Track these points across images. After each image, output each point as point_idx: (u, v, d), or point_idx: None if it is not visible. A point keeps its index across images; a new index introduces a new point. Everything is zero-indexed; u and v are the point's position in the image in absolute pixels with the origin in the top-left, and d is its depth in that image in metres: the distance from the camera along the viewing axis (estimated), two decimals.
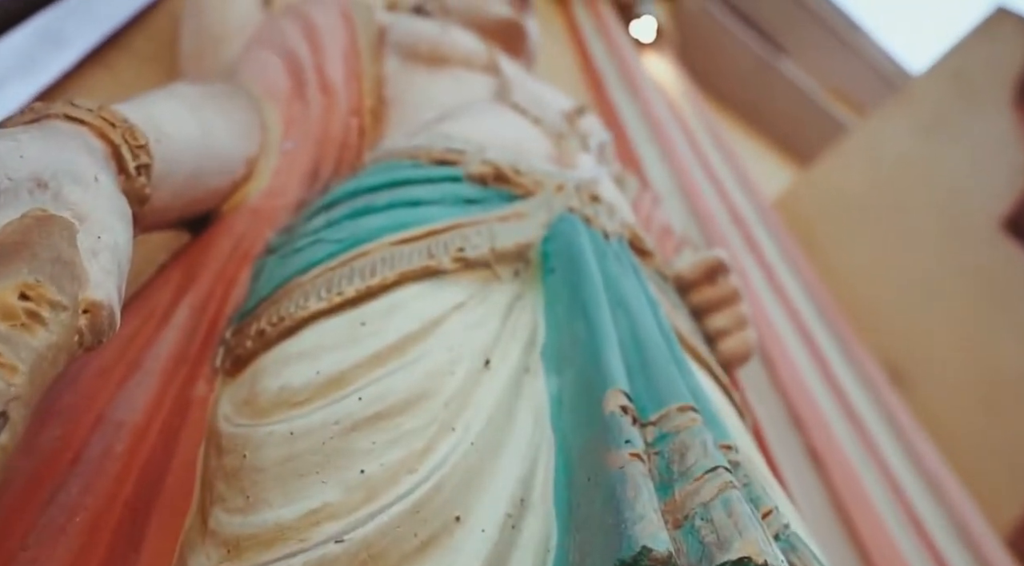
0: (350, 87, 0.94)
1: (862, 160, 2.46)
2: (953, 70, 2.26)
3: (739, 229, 1.98)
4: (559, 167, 0.86)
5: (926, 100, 2.30)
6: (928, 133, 2.25)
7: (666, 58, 3.03)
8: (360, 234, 0.64)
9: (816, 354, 1.71)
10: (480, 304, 0.62)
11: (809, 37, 4.08)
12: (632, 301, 0.63)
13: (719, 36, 3.58)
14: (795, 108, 3.86)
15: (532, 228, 0.70)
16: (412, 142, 0.82)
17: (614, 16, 2.89)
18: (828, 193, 2.58)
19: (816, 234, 2.50)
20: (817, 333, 1.85)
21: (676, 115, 2.51)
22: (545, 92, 1.14)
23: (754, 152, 3.66)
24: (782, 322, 1.77)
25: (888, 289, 2.29)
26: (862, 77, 4.31)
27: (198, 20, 1.02)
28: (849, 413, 1.56)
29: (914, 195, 2.28)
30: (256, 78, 0.88)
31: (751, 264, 1.96)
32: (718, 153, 2.47)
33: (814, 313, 1.92)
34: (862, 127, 2.57)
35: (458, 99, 0.95)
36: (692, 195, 1.99)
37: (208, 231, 0.72)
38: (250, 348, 0.57)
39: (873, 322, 2.24)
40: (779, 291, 1.88)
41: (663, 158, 2.16)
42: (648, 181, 1.94)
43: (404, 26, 1.06)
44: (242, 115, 0.77)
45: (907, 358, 2.18)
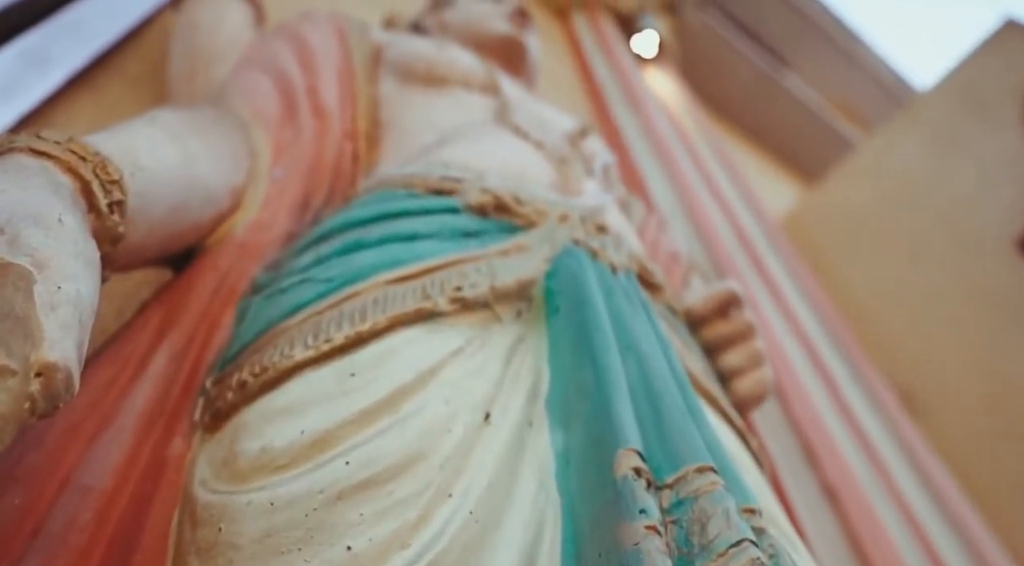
0: (344, 110, 0.91)
1: (870, 178, 2.43)
2: (962, 85, 2.23)
3: (746, 252, 1.95)
4: (562, 194, 0.82)
5: (934, 116, 2.27)
6: (937, 150, 2.22)
7: (668, 73, 3.01)
8: (350, 273, 0.60)
9: (828, 382, 1.67)
10: (480, 349, 0.58)
11: (812, 51, 4.07)
12: (643, 344, 0.59)
13: (721, 50, 3.56)
14: (798, 122, 3.84)
15: (535, 263, 0.66)
16: (407, 170, 0.78)
17: (615, 31, 2.88)
18: (836, 212, 2.55)
19: (824, 254, 2.46)
20: (829, 360, 1.81)
21: (679, 132, 2.48)
22: (546, 112, 1.10)
23: (756, 167, 3.64)
24: (793, 349, 1.73)
25: (899, 311, 2.25)
26: (865, 90, 4.30)
27: (188, 41, 0.98)
28: (864, 446, 1.52)
29: (924, 213, 2.24)
30: (245, 100, 0.84)
31: (759, 288, 1.92)
32: (723, 171, 2.44)
33: (825, 339, 1.88)
34: (869, 144, 2.54)
35: (456, 121, 0.91)
36: (697, 216, 1.96)
37: (191, 268, 0.68)
38: (231, 401, 0.53)
39: (884, 345, 2.19)
40: (789, 316, 1.84)
41: (667, 177, 2.13)
42: (652, 201, 1.91)
43: (400, 45, 1.03)
44: (228, 142, 0.74)
45: (919, 382, 2.14)
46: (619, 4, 2.90)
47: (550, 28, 2.74)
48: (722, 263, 1.82)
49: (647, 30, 2.81)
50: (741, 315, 0.83)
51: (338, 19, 1.05)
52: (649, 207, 1.77)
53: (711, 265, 1.84)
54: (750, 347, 0.83)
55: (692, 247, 1.87)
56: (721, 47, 3.56)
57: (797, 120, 3.80)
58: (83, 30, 1.08)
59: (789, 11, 3.91)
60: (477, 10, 1.30)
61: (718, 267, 1.82)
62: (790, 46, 4.00)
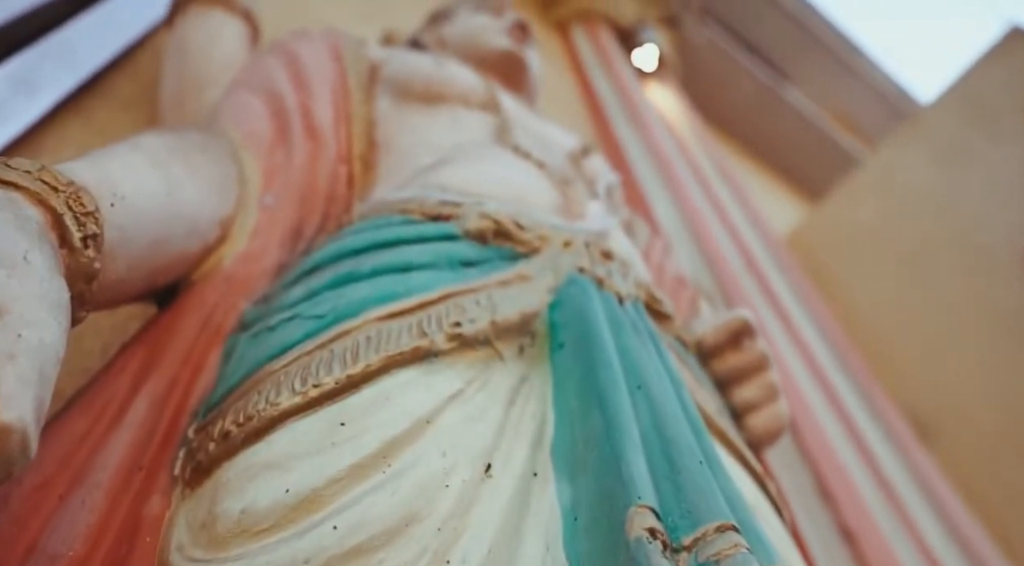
0: (339, 131, 0.88)
1: (875, 194, 2.39)
2: (967, 96, 2.20)
3: (753, 273, 1.91)
4: (566, 217, 0.79)
5: (940, 129, 2.23)
6: (945, 163, 2.18)
7: (669, 87, 2.98)
8: (342, 308, 0.56)
9: (839, 408, 1.63)
10: (480, 390, 0.54)
11: (812, 63, 4.05)
12: (654, 384, 0.55)
13: (721, 63, 3.54)
14: (800, 136, 3.81)
15: (538, 293, 0.63)
16: (403, 194, 0.75)
17: (615, 44, 2.85)
18: (841, 229, 2.50)
19: (830, 272, 2.42)
20: (839, 385, 1.76)
21: (682, 149, 2.45)
22: (548, 130, 1.07)
23: (758, 181, 3.61)
24: (802, 375, 1.69)
25: (907, 330, 2.19)
26: (866, 102, 4.27)
27: (179, 63, 0.95)
28: (880, 482, 1.46)
29: (933, 229, 2.20)
30: (236, 123, 0.81)
31: (766, 311, 1.88)
32: (726, 187, 2.40)
33: (834, 363, 1.84)
34: (874, 159, 2.50)
35: (455, 141, 0.88)
36: (702, 236, 1.92)
37: (175, 305, 0.64)
38: (213, 454, 0.49)
39: (894, 368, 2.14)
40: (797, 340, 1.79)
41: (670, 196, 2.09)
42: (656, 221, 1.87)
43: (397, 62, 1.00)
44: (216, 169, 0.70)
45: (930, 405, 2.08)
46: (619, 17, 2.88)
47: (549, 42, 2.71)
48: (728, 285, 1.78)
49: (647, 44, 2.79)
50: (754, 345, 0.79)
51: (333, 36, 1.02)
52: (653, 228, 1.73)
53: (717, 287, 1.80)
54: (764, 380, 0.79)
55: (697, 268, 1.83)
56: (721, 60, 3.54)
57: (799, 133, 3.77)
58: (72, 53, 1.05)
59: (789, 24, 3.89)
60: (476, 25, 1.27)
61: (724, 289, 1.78)
62: (790, 59, 3.98)
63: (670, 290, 1.17)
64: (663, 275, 1.18)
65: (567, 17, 2.83)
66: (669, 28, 3.08)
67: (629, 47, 2.87)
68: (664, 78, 2.97)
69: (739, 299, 1.81)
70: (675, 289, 1.18)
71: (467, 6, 1.33)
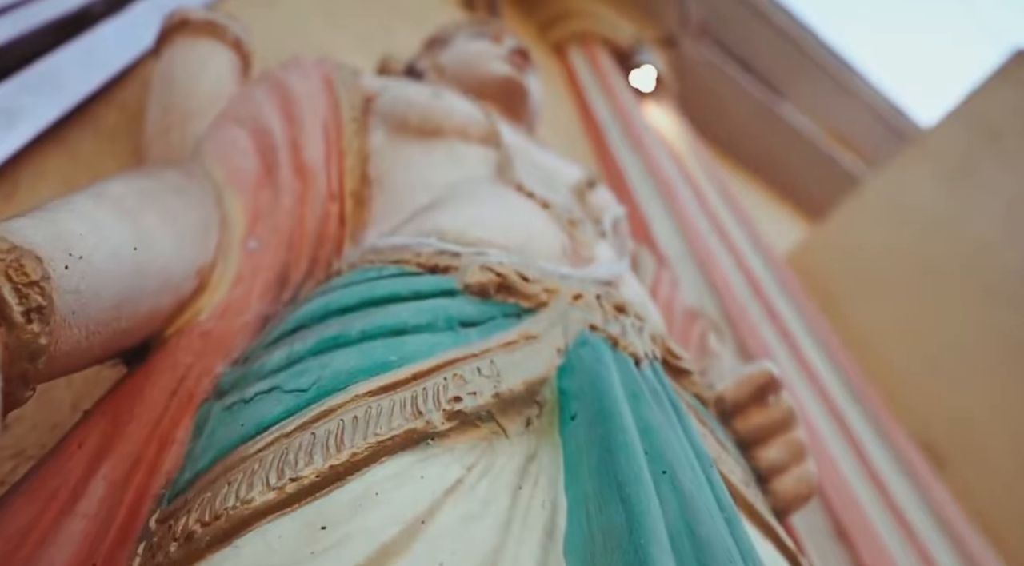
0: (330, 167, 0.81)
1: (880, 214, 2.32)
2: (973, 117, 2.13)
3: (758, 299, 1.84)
4: (573, 263, 0.72)
5: (946, 150, 2.17)
6: (952, 184, 2.12)
7: (666, 107, 2.93)
8: (326, 381, 0.49)
9: (851, 439, 1.55)
10: (483, 477, 0.46)
11: (807, 81, 4.01)
12: (681, 468, 0.48)
13: (718, 83, 3.49)
14: (797, 154, 3.76)
15: (545, 356, 0.55)
16: (397, 240, 0.67)
17: (613, 66, 2.80)
18: (844, 249, 2.44)
19: (833, 293, 2.35)
20: (850, 415, 1.69)
21: (683, 170, 2.39)
22: (551, 161, 1.00)
23: (755, 199, 3.55)
24: (813, 404, 1.61)
25: (917, 355, 2.12)
26: (860, 119, 4.23)
27: (164, 93, 0.89)
28: (895, 514, 1.39)
29: (941, 251, 2.13)
30: (220, 160, 0.74)
31: (772, 336, 1.80)
32: (727, 209, 2.34)
33: (845, 392, 1.77)
34: (877, 179, 2.43)
35: (453, 178, 0.81)
36: (705, 261, 1.85)
37: (144, 367, 0.57)
38: (174, 557, 0.41)
39: (902, 392, 2.07)
40: (806, 368, 1.72)
41: (671, 217, 2.03)
42: (658, 246, 1.81)
43: (392, 93, 0.93)
44: (195, 213, 0.63)
45: (941, 432, 2.00)
46: (616, 39, 2.83)
47: (547, 64, 2.66)
48: (733, 311, 1.71)
49: (645, 65, 2.73)
50: (779, 401, 0.72)
51: (326, 65, 0.95)
52: (659, 258, 1.66)
53: (722, 313, 1.73)
54: (791, 439, 0.71)
55: (702, 294, 1.77)
56: (718, 80, 3.49)
57: (795, 151, 3.71)
58: (57, 83, 0.98)
59: (784, 43, 3.85)
60: (475, 50, 1.21)
61: (729, 316, 1.71)
62: (785, 77, 3.94)
63: (680, 326, 1.10)
64: (672, 310, 1.11)
65: (564, 39, 2.78)
66: (666, 49, 3.02)
67: (627, 68, 2.81)
68: (662, 98, 2.91)
69: (745, 325, 1.74)
70: (685, 324, 1.11)
71: (465, 32, 1.26)
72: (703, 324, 1.13)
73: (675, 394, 0.60)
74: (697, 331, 1.10)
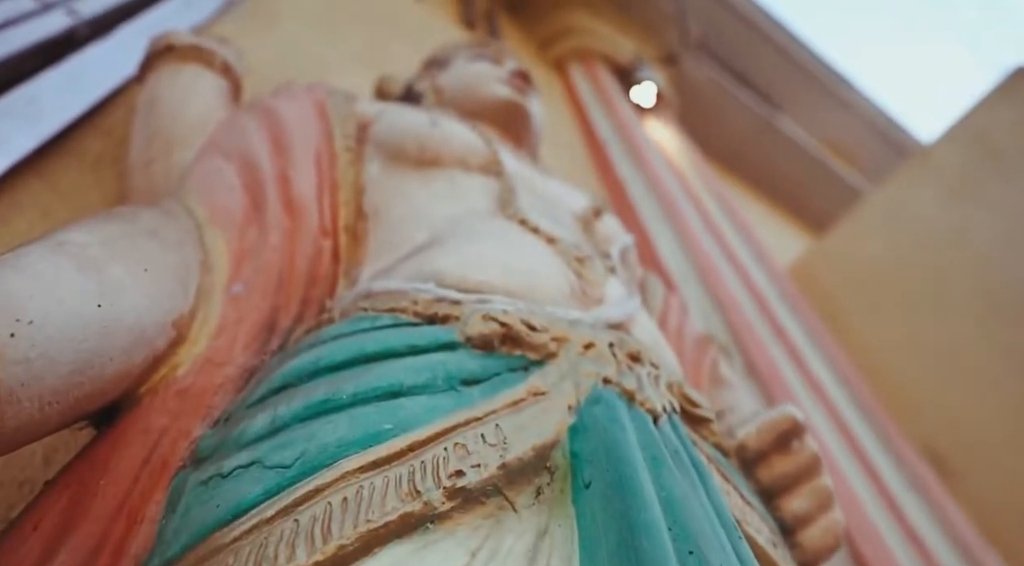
0: (323, 201, 0.75)
1: (881, 229, 2.27)
2: (974, 133, 2.09)
3: (765, 317, 1.78)
4: (583, 304, 0.66)
5: (949, 165, 2.12)
6: (954, 199, 2.07)
7: (667, 123, 2.88)
8: (312, 455, 0.43)
9: (863, 459, 1.49)
10: (490, 561, 0.41)
11: (804, 94, 3.97)
12: (708, 546, 0.42)
13: (718, 98, 3.45)
14: (796, 167, 3.72)
15: (556, 416, 0.50)
16: (392, 284, 0.62)
17: (613, 82, 2.75)
18: (846, 263, 2.38)
19: (836, 307, 2.29)
20: (858, 430, 1.63)
21: (684, 185, 2.33)
22: (555, 189, 0.95)
23: (757, 212, 3.50)
24: (821, 421, 1.56)
25: (922, 368, 2.07)
26: (856, 131, 4.20)
27: (149, 122, 0.83)
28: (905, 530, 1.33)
29: (944, 265, 2.08)
30: (204, 195, 0.69)
31: (778, 351, 1.75)
32: (730, 224, 2.28)
33: (853, 407, 1.71)
34: (879, 193, 2.39)
35: (453, 212, 0.75)
36: (710, 279, 1.80)
37: (113, 431, 0.51)
38: None
39: (908, 405, 2.01)
40: (813, 383, 1.67)
41: (675, 233, 1.97)
42: (663, 266, 1.75)
43: (388, 120, 0.87)
44: (172, 257, 0.58)
45: (947, 444, 1.95)
46: (616, 56, 2.78)
47: (548, 81, 2.61)
48: (740, 330, 1.65)
49: (646, 82, 2.68)
50: (803, 447, 0.66)
51: (318, 91, 0.90)
52: (667, 283, 1.61)
53: (728, 332, 1.67)
54: (817, 487, 0.65)
55: (707, 313, 1.71)
56: (718, 94, 3.45)
57: (794, 164, 3.67)
58: (37, 110, 0.93)
59: (780, 57, 3.81)
60: (474, 72, 1.16)
61: (736, 334, 1.65)
62: (782, 90, 3.90)
63: (691, 355, 1.04)
64: (683, 339, 1.06)
65: (564, 56, 2.73)
66: (666, 65, 2.98)
67: (627, 85, 2.76)
68: (662, 114, 2.87)
69: (752, 343, 1.68)
70: (696, 353, 1.05)
71: (465, 53, 1.21)
72: (713, 352, 1.07)
73: (695, 451, 0.55)
74: (708, 360, 1.05)
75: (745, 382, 1.56)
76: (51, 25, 1.05)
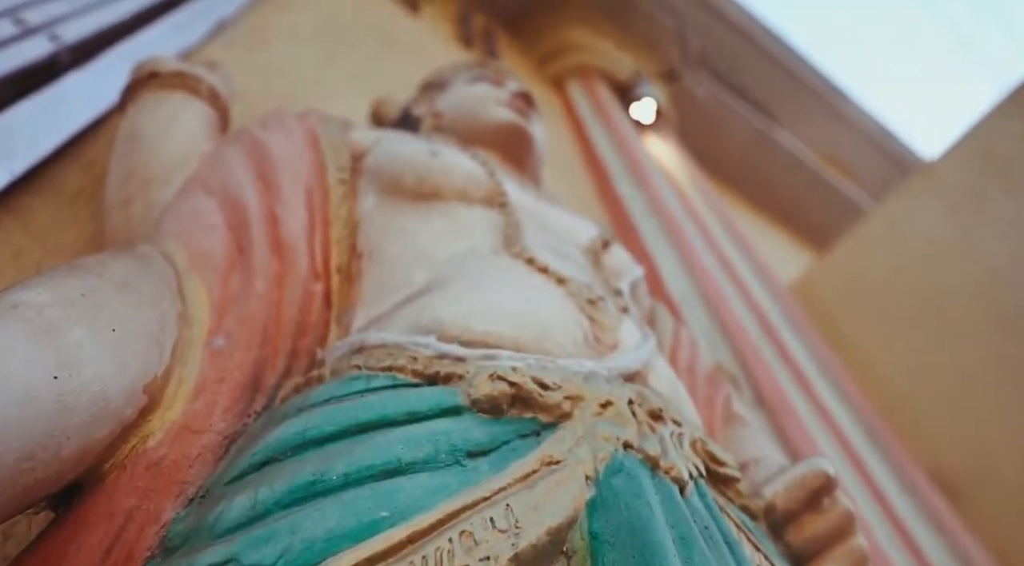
0: (313, 241, 0.69)
1: (886, 245, 2.22)
2: (981, 147, 2.04)
3: (770, 340, 1.72)
4: (597, 352, 0.60)
5: (954, 180, 2.07)
6: (961, 215, 2.02)
7: (666, 138, 2.84)
8: (297, 553, 0.37)
9: (868, 479, 1.44)
10: None
11: (802, 109, 3.94)
12: None
13: (717, 113, 3.41)
14: (794, 180, 3.67)
15: (572, 490, 0.44)
16: (389, 337, 0.56)
17: (612, 98, 2.71)
18: (849, 279, 2.33)
19: (839, 324, 2.23)
20: (866, 454, 1.57)
21: (685, 203, 2.28)
22: (561, 220, 0.89)
23: (754, 227, 3.45)
24: (828, 446, 1.50)
25: (928, 388, 2.01)
26: (856, 145, 4.17)
27: (128, 158, 0.77)
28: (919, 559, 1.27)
29: (951, 282, 2.03)
30: (183, 238, 0.63)
31: (783, 373, 1.69)
32: (732, 243, 2.23)
33: (860, 431, 1.65)
34: (884, 209, 2.34)
35: (454, 250, 0.70)
36: (713, 298, 1.74)
37: (74, 514, 0.45)
38: None
39: (915, 426, 1.95)
40: (819, 408, 1.61)
41: (676, 253, 1.92)
42: (666, 289, 1.70)
43: (384, 149, 0.82)
44: (145, 313, 0.52)
45: (957, 467, 1.89)
46: (615, 72, 2.74)
47: (546, 99, 2.57)
48: (747, 357, 1.60)
49: (645, 98, 2.64)
50: (835, 505, 0.60)
51: (310, 119, 0.84)
52: (677, 316, 1.56)
53: (734, 358, 1.61)
54: (850, 549, 0.59)
55: (713, 339, 1.65)
56: (716, 109, 3.41)
57: (794, 178, 3.63)
58: (10, 141, 0.87)
59: (779, 71, 3.78)
60: (475, 95, 1.10)
61: (743, 362, 1.59)
62: (781, 105, 3.86)
63: (704, 392, 0.99)
64: (695, 376, 1.00)
65: (563, 73, 2.69)
66: (667, 81, 2.94)
67: (626, 101, 2.72)
68: (661, 130, 2.82)
69: (759, 369, 1.63)
70: (709, 390, 0.99)
71: (464, 75, 1.16)
72: (726, 388, 1.02)
73: (725, 521, 0.49)
74: (721, 397, 0.99)
75: (755, 413, 1.50)
76: (32, 51, 1.00)
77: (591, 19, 2.68)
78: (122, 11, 1.17)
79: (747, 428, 0.97)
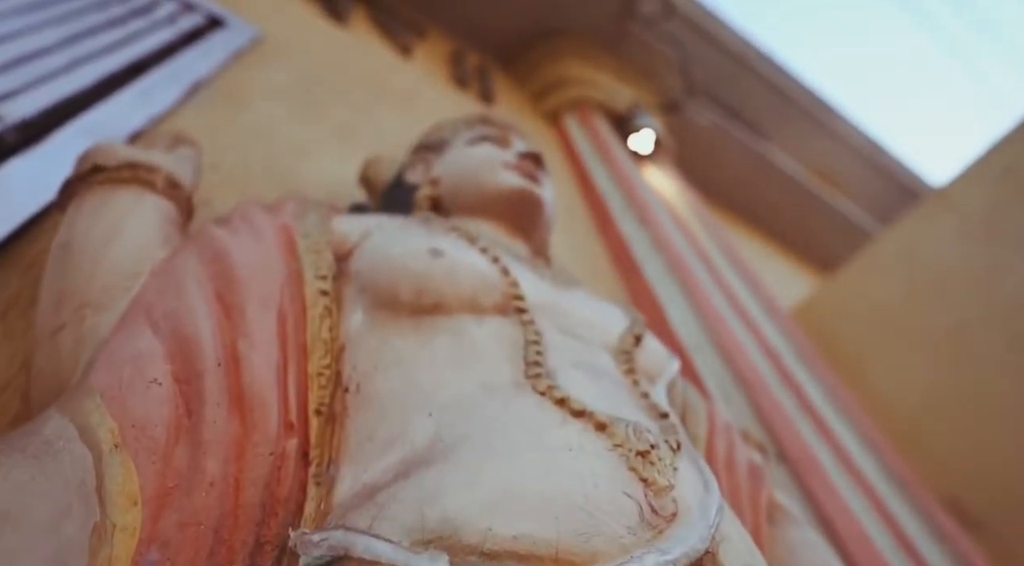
0: (286, 381, 0.53)
1: (896, 269, 2.06)
2: (1000, 170, 1.88)
3: (786, 384, 1.56)
4: (656, 531, 0.44)
5: (971, 203, 1.92)
6: (979, 239, 1.86)
7: (665, 168, 2.68)
8: None
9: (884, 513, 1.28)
10: None
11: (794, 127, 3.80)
12: None
13: (715, 139, 3.27)
14: (793, 202, 3.53)
15: None
16: (383, 548, 0.39)
17: (610, 130, 2.55)
18: (857, 305, 2.17)
19: (844, 350, 2.08)
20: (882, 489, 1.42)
21: (688, 236, 2.12)
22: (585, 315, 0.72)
23: (757, 252, 3.30)
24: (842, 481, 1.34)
25: (943, 417, 1.85)
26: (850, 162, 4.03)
27: (62, 276, 0.59)
28: None
29: (967, 307, 1.87)
30: (115, 402, 0.46)
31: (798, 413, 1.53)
32: (740, 280, 2.07)
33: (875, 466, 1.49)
34: (893, 232, 2.18)
35: (462, 386, 0.53)
36: (726, 345, 1.58)
37: None
38: None
39: (929, 455, 1.80)
40: (835, 446, 1.45)
41: (684, 296, 1.75)
42: (675, 335, 1.53)
43: (373, 250, 0.65)
44: (37, 553, 0.35)
45: (974, 498, 1.74)
46: (613, 103, 2.59)
47: (542, 134, 2.41)
48: (764, 407, 1.43)
49: (644, 129, 2.49)
50: None
51: (284, 213, 0.68)
52: (679, 351, 1.40)
53: (750, 405, 1.45)
54: None
55: (727, 386, 1.49)
56: (717, 136, 3.27)
57: (792, 200, 3.48)
58: None
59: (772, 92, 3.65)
60: (477, 158, 0.94)
61: (760, 410, 1.43)
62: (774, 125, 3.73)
63: (747, 490, 0.83)
64: (734, 470, 0.83)
65: (559, 107, 2.54)
66: (667, 112, 2.80)
67: (624, 133, 2.57)
68: (660, 160, 2.67)
69: (776, 417, 1.46)
70: (751, 487, 0.84)
71: (464, 134, 1.00)
72: (768, 484, 0.86)
73: None
74: (765, 494, 0.83)
75: (778, 469, 1.34)
76: None
77: (588, 52, 2.54)
78: (81, 80, 1.01)
79: (798, 528, 0.82)
